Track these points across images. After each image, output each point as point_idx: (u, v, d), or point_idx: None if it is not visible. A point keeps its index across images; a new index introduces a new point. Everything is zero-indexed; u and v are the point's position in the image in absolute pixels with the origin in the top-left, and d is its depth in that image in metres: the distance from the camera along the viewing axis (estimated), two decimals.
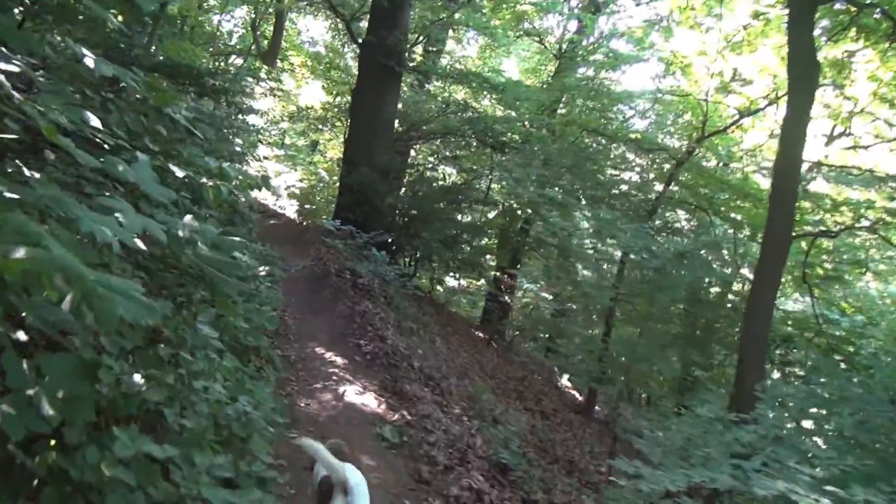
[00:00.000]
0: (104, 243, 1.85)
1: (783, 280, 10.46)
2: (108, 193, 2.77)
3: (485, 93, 15.21)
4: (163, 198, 2.54)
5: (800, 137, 9.90)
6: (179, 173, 3.04)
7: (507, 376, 12.85)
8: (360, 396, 6.85)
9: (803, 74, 9.79)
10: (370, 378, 7.52)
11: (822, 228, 11.25)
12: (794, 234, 10.40)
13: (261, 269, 6.69)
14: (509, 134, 14.26)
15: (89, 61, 2.79)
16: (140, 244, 2.05)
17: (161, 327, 2.75)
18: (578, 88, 16.56)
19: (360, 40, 14.99)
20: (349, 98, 17.45)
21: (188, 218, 2.63)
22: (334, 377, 7.14)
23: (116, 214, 2.11)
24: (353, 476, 3.52)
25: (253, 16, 26.87)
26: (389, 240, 12.19)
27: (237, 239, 2.99)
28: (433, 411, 6.87)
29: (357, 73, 15.62)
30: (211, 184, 3.11)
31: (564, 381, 19.50)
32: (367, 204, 14.05)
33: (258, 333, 5.17)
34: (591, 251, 22.99)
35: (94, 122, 2.67)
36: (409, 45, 14.56)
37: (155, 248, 2.66)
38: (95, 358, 2.23)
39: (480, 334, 17.44)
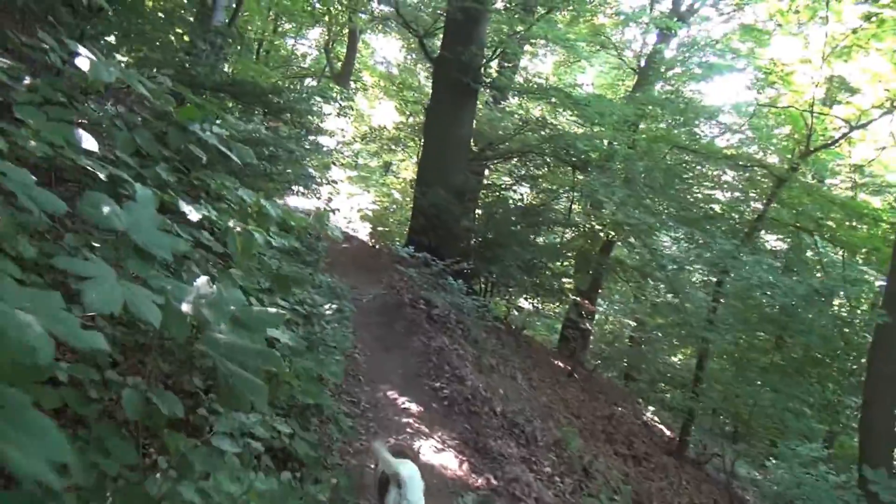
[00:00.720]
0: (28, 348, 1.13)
1: None
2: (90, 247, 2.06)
3: (563, 109, 14.29)
4: (163, 251, 1.81)
5: None
6: (194, 215, 2.32)
7: (594, 414, 11.84)
8: (439, 455, 6.04)
9: None
10: (449, 429, 6.71)
11: None
12: None
13: (327, 306, 5.98)
14: (591, 151, 13.29)
15: (82, 62, 2.09)
16: (101, 341, 1.32)
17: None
18: (664, 102, 15.53)
19: (434, 56, 14.35)
20: (422, 117, 16.83)
21: (202, 281, 1.87)
22: (409, 429, 6.36)
23: (86, 284, 1.37)
24: (406, 469, 3.88)
25: (326, 37, 26.76)
26: (466, 269, 11.38)
27: (274, 310, 2.23)
28: (521, 473, 6.00)
29: (431, 90, 14.97)
30: (239, 229, 2.37)
31: (650, 414, 18.32)
32: (441, 227, 13.33)
33: (320, 387, 4.42)
34: (679, 276, 21.72)
35: (89, 143, 1.98)
36: (484, 61, 13.82)
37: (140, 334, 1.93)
38: None
39: (560, 363, 16.46)
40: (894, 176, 14.10)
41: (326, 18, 23.53)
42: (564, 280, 17.77)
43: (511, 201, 15.79)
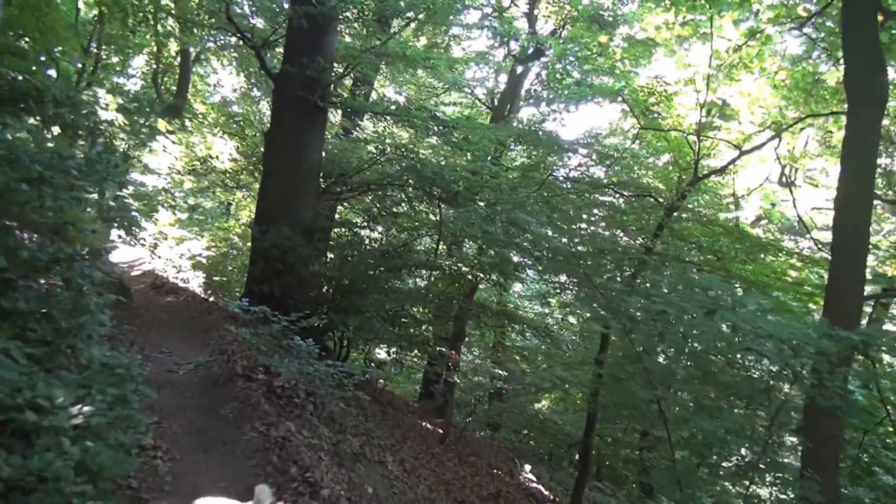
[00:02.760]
0: None
1: None
2: None
3: (427, 134, 12.41)
4: None
5: (867, 164, 7.47)
6: None
7: (479, 495, 9.82)
8: None
9: (865, 80, 7.43)
10: None
11: None
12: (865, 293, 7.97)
13: (77, 407, 3.60)
14: (459, 183, 11.48)
15: None
16: None
17: None
18: (528, 132, 14.09)
19: (274, 72, 12.14)
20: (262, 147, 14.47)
21: None
22: None
23: None
24: None
25: (154, 66, 23.71)
26: (318, 323, 9.06)
27: None
28: None
29: (271, 111, 12.69)
30: None
31: (528, 472, 16.64)
32: (286, 273, 11.03)
33: None
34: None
35: None
36: (335, 76, 11.75)
37: None
38: None
39: (428, 425, 14.41)
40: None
41: (152, 41, 20.64)
42: (425, 328, 15.87)
43: (368, 241, 13.68)
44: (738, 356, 9.81)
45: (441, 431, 14.32)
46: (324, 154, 12.62)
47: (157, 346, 8.71)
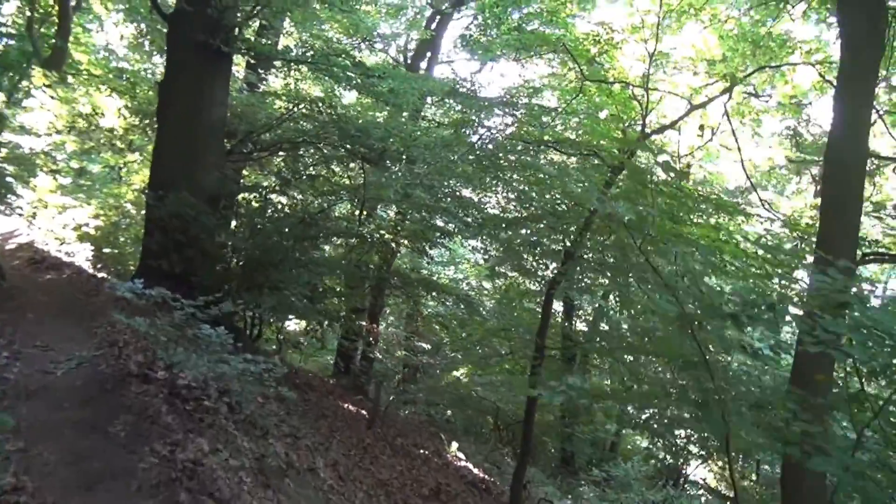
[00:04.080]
0: None
1: None
2: None
3: (349, 88, 11.01)
4: None
5: (861, 117, 6.65)
6: None
7: (419, 493, 8.76)
8: None
9: (861, 18, 6.59)
10: None
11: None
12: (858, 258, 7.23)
13: None
14: (389, 139, 10.18)
15: None
16: None
17: None
18: (453, 88, 12.86)
19: (168, 14, 10.44)
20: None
21: None
22: None
23: None
24: None
25: (28, 13, 20.99)
26: (232, 310, 7.62)
27: None
28: None
29: (165, 59, 10.97)
30: None
31: (454, 449, 15.78)
32: (188, 246, 9.54)
33: None
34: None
35: None
36: (240, 17, 10.17)
37: None
38: None
39: (351, 407, 13.25)
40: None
41: None
42: (341, 300, 14.62)
43: (281, 207, 12.19)
44: None
45: (366, 413, 13.21)
46: (228, 110, 11.06)
47: (30, 339, 7.14)
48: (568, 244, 10.75)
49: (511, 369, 18.52)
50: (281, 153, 12.07)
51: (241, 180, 12.49)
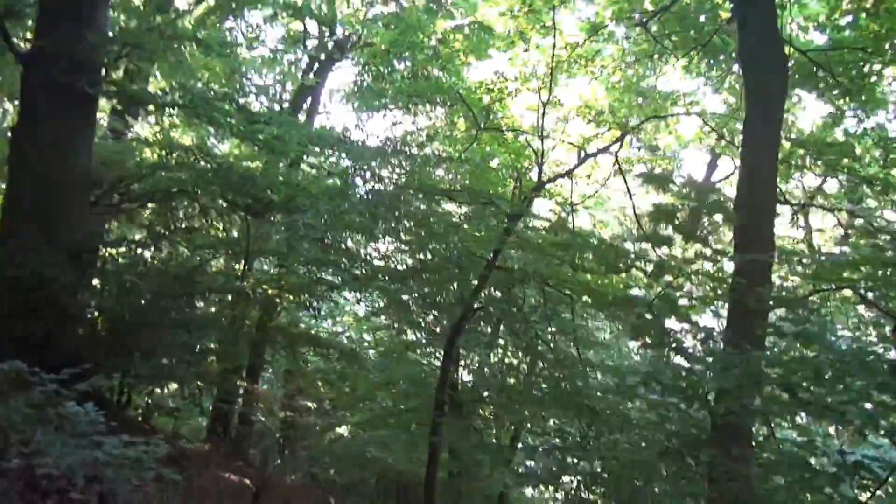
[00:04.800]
0: None
1: None
2: None
3: (229, 135, 10.31)
4: None
5: (769, 163, 6.70)
6: None
7: None
8: None
9: (764, 54, 6.68)
10: None
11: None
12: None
13: None
14: (278, 189, 9.56)
15: None
16: None
17: None
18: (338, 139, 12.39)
19: (23, 52, 9.44)
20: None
21: None
22: None
23: None
24: None
25: None
26: (101, 383, 6.62)
27: None
28: None
29: (19, 103, 9.89)
30: None
31: None
32: (46, 307, 8.46)
33: None
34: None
35: None
36: (108, 58, 9.32)
37: None
38: None
39: (233, 477, 12.21)
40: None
41: None
42: (212, 360, 13.64)
43: (151, 262, 11.18)
44: None
45: (249, 483, 12.21)
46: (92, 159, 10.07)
47: None
48: (465, 296, 10.43)
49: (395, 424, 17.90)
50: (152, 204, 11.13)
51: (107, 234, 11.41)
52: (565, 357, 10.02)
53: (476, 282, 10.16)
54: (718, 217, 10.10)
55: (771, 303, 6.58)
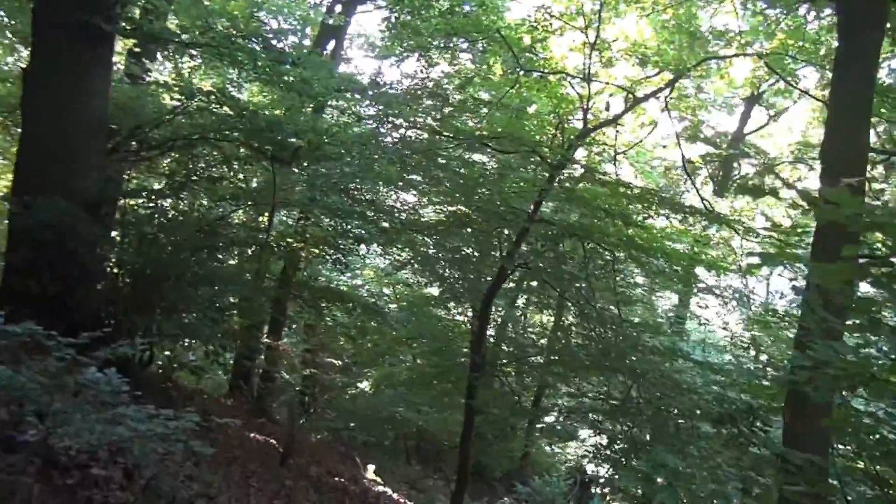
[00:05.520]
0: None
1: None
2: None
3: (254, 77, 9.59)
4: None
5: (862, 106, 5.96)
6: None
7: None
8: None
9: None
10: None
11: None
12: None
13: None
14: (305, 136, 8.91)
15: None
16: None
17: None
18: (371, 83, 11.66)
19: None
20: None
21: None
22: None
23: None
24: None
25: None
26: (122, 344, 6.05)
27: None
28: None
29: (31, 42, 9.23)
30: None
31: (371, 474, 14.66)
32: (64, 262, 7.94)
33: None
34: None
35: None
36: None
37: None
38: None
39: (258, 438, 11.87)
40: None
41: None
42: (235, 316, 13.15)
43: (174, 214, 10.60)
44: None
45: (275, 443, 11.87)
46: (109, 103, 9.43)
47: None
48: (502, 252, 9.83)
49: (419, 381, 17.53)
50: (173, 152, 10.51)
51: (126, 183, 10.83)
52: (610, 317, 9.39)
53: (515, 237, 9.54)
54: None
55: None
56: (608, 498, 16.73)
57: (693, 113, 12.18)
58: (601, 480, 17.59)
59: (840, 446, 6.75)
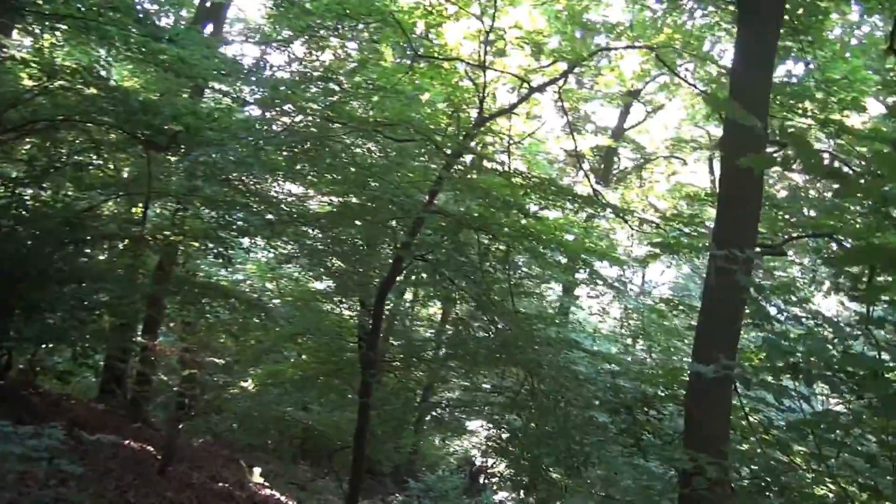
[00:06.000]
0: None
1: None
2: None
3: (127, 53, 8.77)
4: None
5: (760, 81, 5.99)
6: None
7: None
8: None
9: None
10: None
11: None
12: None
13: None
14: (183, 119, 8.23)
15: None
16: None
17: None
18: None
19: None
20: None
21: None
22: None
23: None
24: None
25: None
26: None
27: None
28: None
29: None
30: None
31: (257, 477, 14.05)
32: None
33: None
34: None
35: None
36: None
37: None
38: None
39: (133, 444, 11.08)
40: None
41: None
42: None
43: (35, 204, 9.59)
44: None
45: (151, 449, 11.11)
46: None
47: None
48: (396, 244, 9.50)
49: (303, 380, 16.96)
50: (32, 136, 9.54)
51: None
52: (507, 309, 9.25)
53: (410, 228, 9.21)
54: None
55: (758, 249, 5.98)
56: (494, 488, 16.83)
57: (574, 106, 12.25)
58: (489, 471, 17.69)
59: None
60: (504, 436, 10.28)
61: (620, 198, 14.06)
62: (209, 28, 14.19)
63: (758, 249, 6.10)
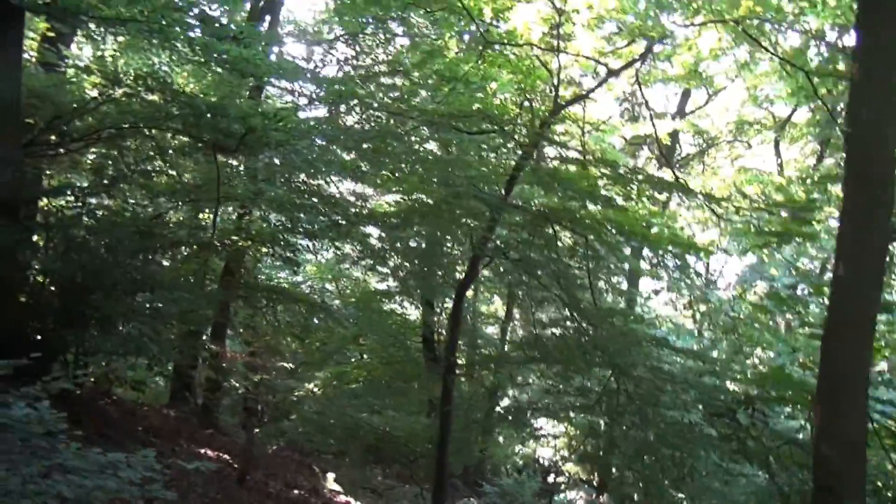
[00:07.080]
0: None
1: None
2: None
3: (189, 57, 8.52)
4: None
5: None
6: None
7: None
8: None
9: None
10: None
11: None
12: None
13: None
14: (250, 122, 7.95)
15: None
16: None
17: None
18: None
19: None
20: None
21: None
22: None
23: None
24: None
25: None
26: (61, 384, 5.01)
27: None
28: None
29: None
30: None
31: (331, 483, 13.85)
32: None
33: None
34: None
35: None
36: None
37: None
38: None
39: (209, 452, 10.94)
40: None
41: None
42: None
43: (104, 214, 9.44)
44: None
45: (228, 458, 10.95)
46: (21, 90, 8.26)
47: None
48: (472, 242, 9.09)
49: (372, 383, 16.74)
50: (98, 145, 9.39)
51: (46, 181, 9.66)
52: (592, 308, 8.76)
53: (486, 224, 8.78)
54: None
55: None
56: (563, 487, 16.38)
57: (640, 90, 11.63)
58: (566, 474, 17.21)
59: None
60: (589, 440, 9.80)
61: (701, 185, 13.37)
62: (265, 25, 14.00)
63: None
